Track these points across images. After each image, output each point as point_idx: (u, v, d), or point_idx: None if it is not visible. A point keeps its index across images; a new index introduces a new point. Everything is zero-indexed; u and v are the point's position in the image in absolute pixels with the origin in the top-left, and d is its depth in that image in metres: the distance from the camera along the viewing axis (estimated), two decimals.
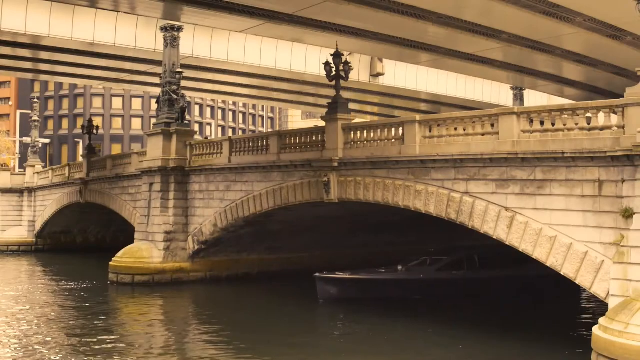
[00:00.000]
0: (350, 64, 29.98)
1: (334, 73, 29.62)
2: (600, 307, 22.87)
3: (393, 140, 26.09)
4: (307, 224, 34.49)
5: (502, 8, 28.18)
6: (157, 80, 42.51)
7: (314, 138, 30.16)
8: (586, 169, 19.37)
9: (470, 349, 21.26)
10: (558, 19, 29.87)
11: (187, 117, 43.21)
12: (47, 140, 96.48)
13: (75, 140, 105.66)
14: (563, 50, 36.46)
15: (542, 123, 21.06)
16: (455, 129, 23.77)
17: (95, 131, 51.46)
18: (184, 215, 36.25)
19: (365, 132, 27.81)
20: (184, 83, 39.96)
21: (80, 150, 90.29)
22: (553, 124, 20.80)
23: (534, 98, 57.27)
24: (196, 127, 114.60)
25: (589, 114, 19.91)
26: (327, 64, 29.81)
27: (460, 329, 23.84)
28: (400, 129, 25.77)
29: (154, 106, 39.72)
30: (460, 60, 38.84)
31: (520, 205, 21.07)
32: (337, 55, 29.51)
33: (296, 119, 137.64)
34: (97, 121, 62.92)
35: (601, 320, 17.53)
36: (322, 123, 30.09)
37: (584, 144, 19.43)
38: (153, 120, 45.16)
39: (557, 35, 33.21)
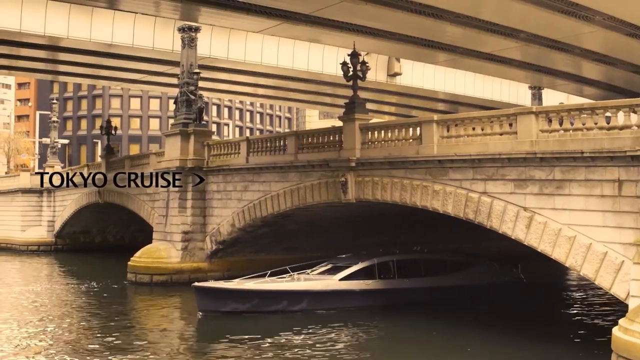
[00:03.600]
0: (367, 64, 29.97)
1: (351, 73, 29.63)
2: (613, 308, 22.74)
3: (410, 140, 26.02)
4: (325, 224, 34.48)
5: (520, 7, 27.98)
6: (174, 80, 42.68)
7: (331, 138, 30.16)
8: (605, 168, 19.22)
9: (479, 350, 21.09)
10: (577, 18, 29.62)
11: (205, 118, 43.41)
12: (66, 141, 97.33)
13: (94, 140, 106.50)
14: (582, 49, 36.14)
15: (560, 123, 20.92)
16: (473, 128, 23.69)
17: (113, 131, 51.86)
18: (202, 215, 36.39)
19: (382, 132, 27.78)
20: (201, 83, 40.10)
21: (99, 150, 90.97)
22: (572, 124, 20.65)
23: (553, 97, 56.86)
24: (214, 128, 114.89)
25: (608, 113, 19.76)
26: (344, 64, 29.81)
27: (469, 331, 23.68)
28: (418, 128, 25.71)
29: (172, 107, 39.94)
30: (478, 59, 38.63)
31: (539, 205, 20.94)
32: (354, 55, 29.51)
33: (313, 119, 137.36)
34: (115, 122, 63.35)
35: (621, 321, 17.37)
36: (339, 123, 30.07)
37: (603, 144, 19.28)
38: (171, 121, 45.33)
39: (575, 34, 32.93)
